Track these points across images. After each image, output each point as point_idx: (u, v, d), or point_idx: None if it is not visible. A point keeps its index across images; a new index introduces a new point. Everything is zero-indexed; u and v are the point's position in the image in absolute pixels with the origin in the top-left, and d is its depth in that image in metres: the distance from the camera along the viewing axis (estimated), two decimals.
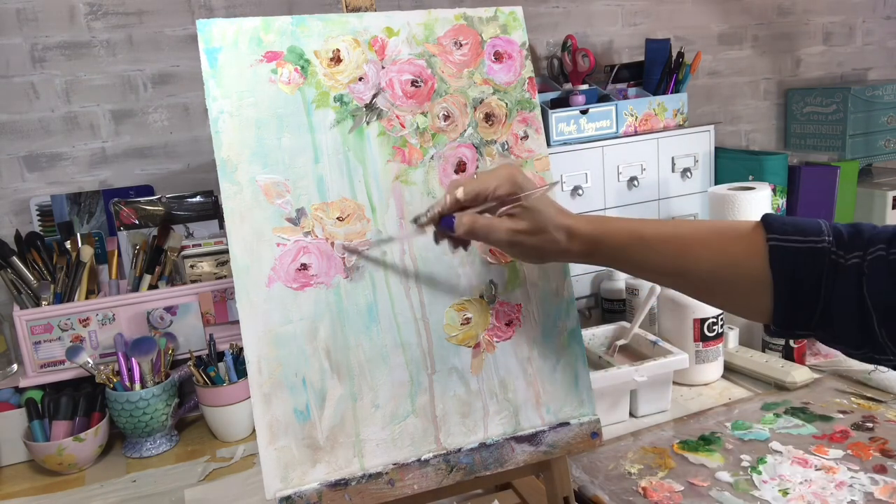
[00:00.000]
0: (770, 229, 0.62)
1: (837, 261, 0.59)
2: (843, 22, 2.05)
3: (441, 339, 0.76)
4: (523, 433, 0.77)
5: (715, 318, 1.21)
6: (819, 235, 0.60)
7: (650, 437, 1.07)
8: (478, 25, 0.82)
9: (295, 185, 0.73)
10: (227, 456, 1.13)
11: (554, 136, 1.45)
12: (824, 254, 0.59)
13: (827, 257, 0.59)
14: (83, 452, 1.11)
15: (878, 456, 0.96)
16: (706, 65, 1.88)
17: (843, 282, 0.58)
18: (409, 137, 0.78)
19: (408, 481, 0.72)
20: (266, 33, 0.74)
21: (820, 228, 0.61)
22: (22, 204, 1.36)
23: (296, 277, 0.72)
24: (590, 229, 0.68)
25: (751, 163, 1.59)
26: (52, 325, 1.18)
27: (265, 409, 0.69)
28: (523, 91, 0.83)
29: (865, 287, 0.57)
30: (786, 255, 0.61)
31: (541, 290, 0.80)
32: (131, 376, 1.15)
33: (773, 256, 0.61)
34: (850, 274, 0.58)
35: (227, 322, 1.28)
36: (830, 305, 0.59)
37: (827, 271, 0.59)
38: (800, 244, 0.60)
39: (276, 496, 0.68)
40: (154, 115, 1.41)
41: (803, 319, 0.61)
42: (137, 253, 1.28)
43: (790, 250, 0.60)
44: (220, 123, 0.72)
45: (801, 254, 0.60)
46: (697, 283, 0.67)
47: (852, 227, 0.60)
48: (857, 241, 0.59)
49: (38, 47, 1.32)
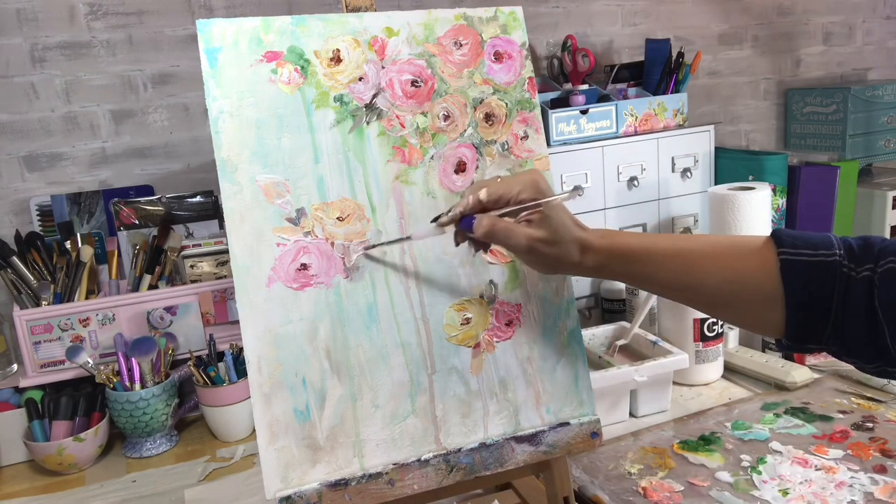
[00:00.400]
0: (781, 244, 0.62)
1: (849, 273, 0.58)
2: (843, 22, 2.05)
3: (441, 339, 0.76)
4: (523, 433, 0.77)
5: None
6: (830, 249, 0.60)
7: (650, 437, 1.07)
8: (478, 25, 0.82)
9: (295, 185, 0.73)
10: (227, 456, 1.13)
11: (554, 136, 1.45)
12: (835, 267, 0.59)
13: (838, 270, 0.59)
14: (83, 452, 1.11)
15: (878, 456, 0.96)
16: (706, 65, 1.88)
17: (854, 295, 0.58)
18: (409, 137, 0.78)
19: (408, 481, 0.72)
20: (266, 33, 0.74)
21: (831, 242, 0.61)
22: (22, 204, 1.36)
23: (296, 277, 0.72)
24: (602, 244, 0.69)
25: (751, 163, 1.58)
26: (52, 325, 1.18)
27: (265, 409, 0.69)
28: (523, 91, 0.83)
29: (877, 300, 0.56)
30: (797, 268, 0.60)
31: (541, 290, 0.80)
32: (131, 376, 1.15)
33: (784, 270, 0.60)
34: (861, 287, 0.58)
35: (227, 322, 1.28)
36: (842, 319, 0.59)
37: (838, 285, 0.59)
38: (811, 258, 0.60)
39: (276, 496, 0.68)
40: (154, 115, 1.41)
41: (815, 334, 0.61)
42: (137, 253, 1.28)
43: (802, 264, 0.60)
44: (220, 123, 0.72)
45: (812, 267, 0.60)
46: (707, 299, 0.67)
47: (862, 240, 0.60)
48: (867, 253, 0.59)
49: (38, 47, 1.32)
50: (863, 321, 0.57)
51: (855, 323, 0.58)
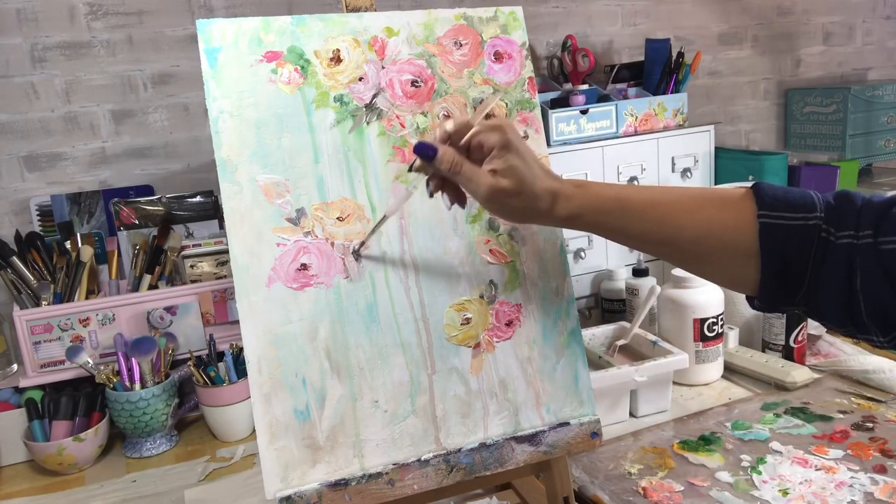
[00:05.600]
0: (761, 203, 0.61)
1: (828, 238, 0.58)
2: (843, 22, 2.05)
3: (441, 339, 0.76)
4: (523, 433, 0.77)
5: (715, 318, 1.21)
6: (811, 211, 0.59)
7: (650, 437, 1.07)
8: (478, 25, 0.82)
9: (295, 186, 0.73)
10: (227, 456, 1.13)
11: (554, 136, 1.45)
12: (815, 231, 0.58)
13: (817, 235, 0.58)
14: (83, 452, 1.11)
15: (878, 456, 0.96)
16: (706, 65, 1.88)
17: (832, 262, 0.57)
18: (409, 137, 0.78)
19: (408, 481, 0.72)
20: (266, 33, 0.74)
21: (811, 202, 0.60)
22: (22, 204, 1.36)
23: (296, 277, 0.72)
24: (575, 192, 0.66)
25: (751, 163, 1.59)
26: (52, 325, 1.18)
27: (265, 409, 0.69)
28: (523, 91, 0.83)
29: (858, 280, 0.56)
30: (776, 232, 0.59)
31: (541, 290, 0.80)
32: (131, 376, 1.15)
33: (762, 234, 0.60)
34: (841, 254, 0.57)
35: (227, 322, 1.28)
36: (817, 285, 0.59)
37: (816, 251, 0.58)
38: (790, 221, 0.59)
39: (276, 496, 0.68)
40: (154, 115, 1.41)
41: (789, 297, 0.61)
42: (137, 253, 1.28)
43: (780, 227, 0.59)
44: (220, 123, 0.72)
45: (791, 231, 0.59)
46: (683, 253, 0.66)
47: (843, 197, 0.59)
48: (847, 213, 0.58)
49: (38, 47, 1.32)
50: (839, 289, 0.57)
51: (830, 289, 0.58)
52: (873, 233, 0.55)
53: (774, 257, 0.60)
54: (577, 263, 1.49)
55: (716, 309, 1.21)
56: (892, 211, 0.56)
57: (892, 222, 0.55)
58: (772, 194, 0.61)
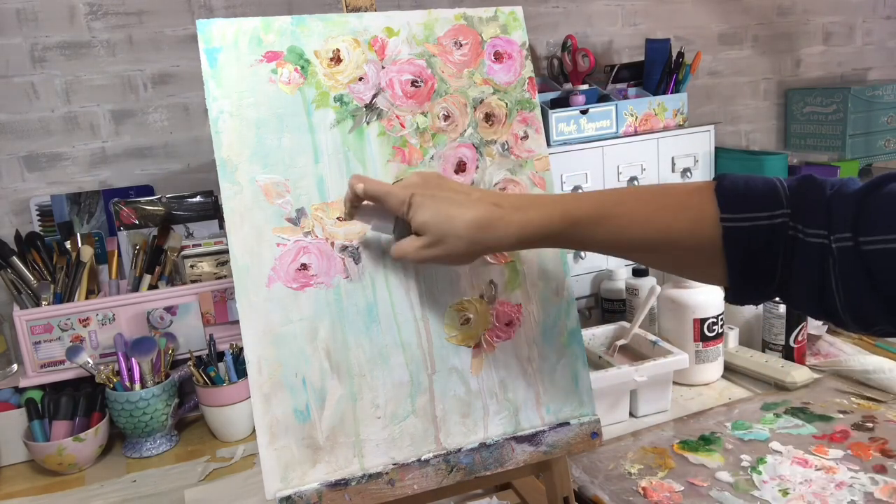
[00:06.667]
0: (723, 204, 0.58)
1: (796, 236, 0.56)
2: (843, 22, 2.05)
3: (441, 339, 0.76)
4: (523, 433, 0.77)
5: (715, 318, 1.21)
6: (776, 207, 0.56)
7: (650, 437, 1.07)
8: (478, 25, 0.82)
9: (295, 186, 0.73)
10: (227, 456, 1.13)
11: (554, 136, 1.45)
12: (782, 229, 0.56)
13: (784, 234, 0.56)
14: (83, 452, 1.11)
15: (878, 456, 0.96)
16: (706, 65, 1.88)
17: (802, 259, 0.55)
18: (409, 137, 0.78)
19: (408, 481, 0.72)
20: (266, 33, 0.74)
21: (776, 194, 0.57)
22: (22, 204, 1.36)
23: (296, 277, 0.72)
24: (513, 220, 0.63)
25: (751, 163, 1.59)
26: (52, 325, 1.18)
27: (265, 410, 0.69)
28: (523, 91, 0.83)
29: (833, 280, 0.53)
30: (739, 235, 0.57)
31: (541, 290, 0.80)
32: (131, 376, 1.15)
33: (726, 239, 0.57)
34: (813, 252, 0.54)
35: (227, 322, 1.28)
36: (788, 281, 0.57)
37: (784, 249, 0.56)
38: (755, 221, 0.57)
39: (276, 496, 0.68)
40: (154, 115, 1.41)
41: (758, 292, 0.60)
42: (137, 253, 1.28)
43: (744, 230, 0.57)
44: (220, 123, 0.72)
45: (756, 232, 0.57)
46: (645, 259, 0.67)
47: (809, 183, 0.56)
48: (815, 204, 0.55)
49: (38, 47, 1.32)
50: (812, 285, 0.55)
51: (803, 285, 0.56)
52: (852, 235, 0.52)
53: (739, 259, 0.58)
54: (577, 263, 1.49)
55: (716, 309, 1.21)
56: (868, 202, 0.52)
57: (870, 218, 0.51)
58: (734, 188, 0.59)
